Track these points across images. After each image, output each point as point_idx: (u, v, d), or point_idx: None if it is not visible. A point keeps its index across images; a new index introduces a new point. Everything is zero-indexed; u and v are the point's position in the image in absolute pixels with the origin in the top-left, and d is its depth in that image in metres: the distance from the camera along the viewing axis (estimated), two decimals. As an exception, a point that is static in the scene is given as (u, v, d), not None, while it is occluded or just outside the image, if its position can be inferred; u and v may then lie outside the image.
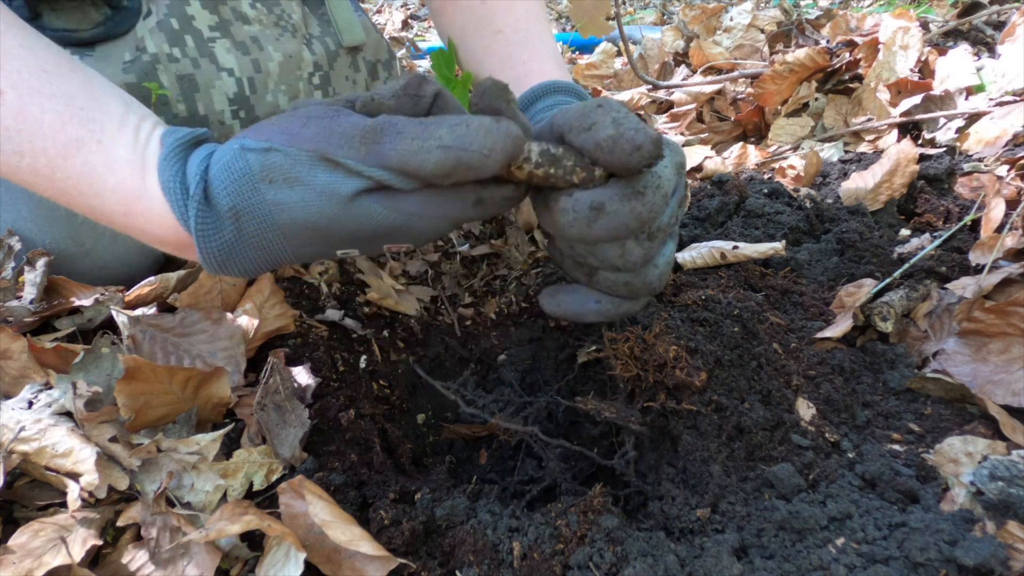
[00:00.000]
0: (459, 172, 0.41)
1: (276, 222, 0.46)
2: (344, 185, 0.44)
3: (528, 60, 0.73)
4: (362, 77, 0.93)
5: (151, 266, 0.86)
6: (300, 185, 0.45)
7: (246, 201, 0.46)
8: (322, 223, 0.45)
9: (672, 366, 0.63)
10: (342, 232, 0.46)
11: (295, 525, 0.52)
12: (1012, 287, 0.71)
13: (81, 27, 0.70)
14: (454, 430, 0.79)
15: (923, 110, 1.20)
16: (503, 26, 0.76)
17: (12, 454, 0.53)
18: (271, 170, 0.45)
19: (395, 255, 0.93)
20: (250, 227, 0.47)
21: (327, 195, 0.44)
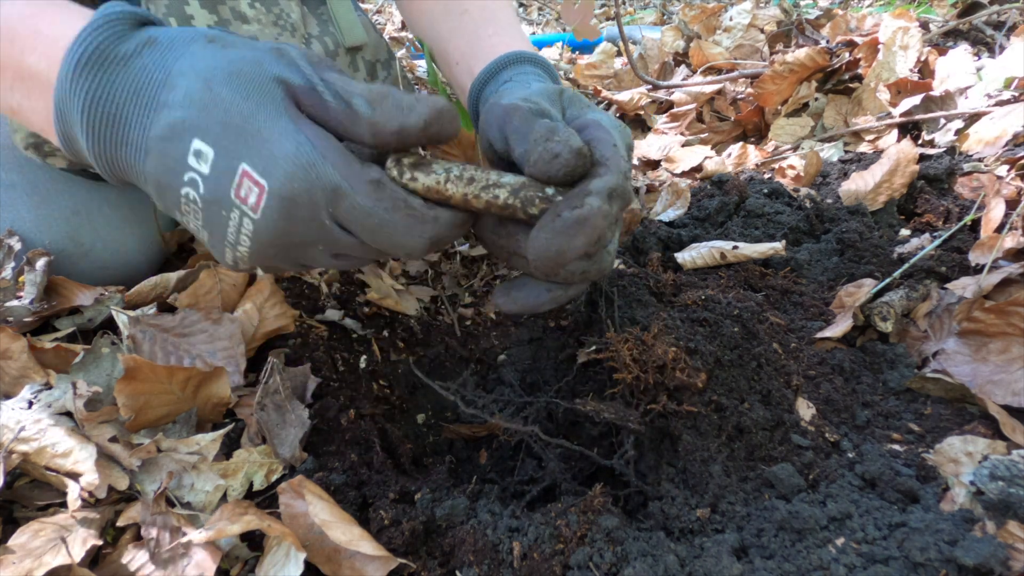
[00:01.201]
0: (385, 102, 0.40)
1: (174, 64, 0.41)
2: (274, 66, 0.41)
3: (493, 35, 0.73)
4: (361, 77, 0.93)
5: (150, 266, 0.86)
6: (234, 49, 0.42)
7: (169, 40, 0.42)
8: (217, 75, 0.40)
9: (672, 367, 0.63)
10: (224, 96, 0.40)
11: (295, 525, 0.52)
12: (1012, 287, 0.71)
13: None
14: (454, 430, 0.79)
15: (923, 110, 1.20)
16: (469, 6, 0.77)
17: (12, 454, 0.53)
18: (220, 36, 0.43)
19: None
20: (149, 58, 0.42)
21: (251, 61, 0.41)
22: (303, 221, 0.42)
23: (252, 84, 0.40)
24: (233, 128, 0.40)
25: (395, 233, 0.41)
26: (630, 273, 0.84)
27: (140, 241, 0.84)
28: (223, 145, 0.40)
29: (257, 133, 0.40)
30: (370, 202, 0.40)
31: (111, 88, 0.41)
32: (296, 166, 0.39)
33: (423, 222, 0.42)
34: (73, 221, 0.77)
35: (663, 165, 1.34)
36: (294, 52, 0.42)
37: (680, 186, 1.12)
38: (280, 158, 0.39)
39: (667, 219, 1.06)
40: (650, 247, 0.96)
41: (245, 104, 0.40)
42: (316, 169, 0.39)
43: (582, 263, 0.46)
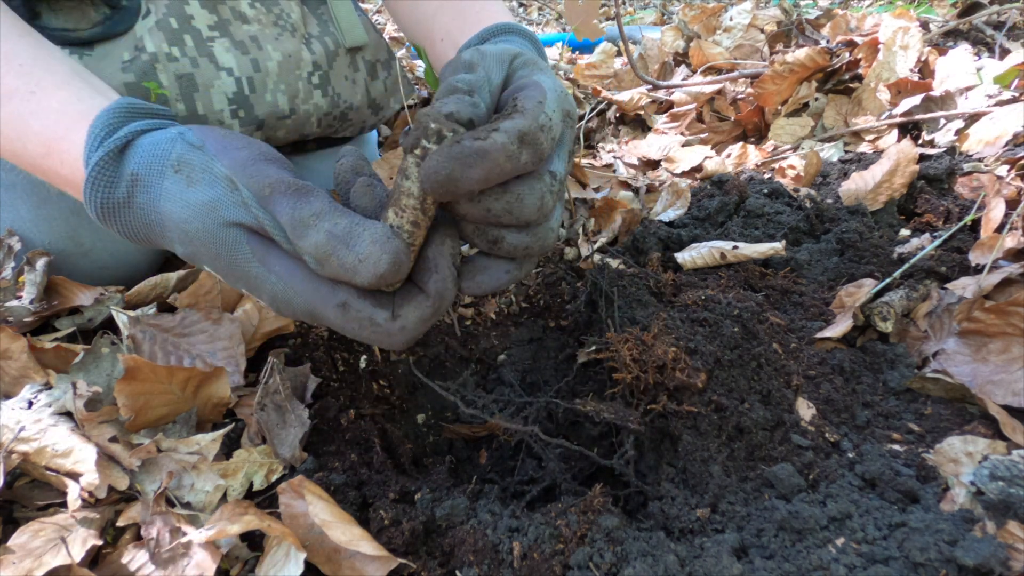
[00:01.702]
0: (330, 262, 0.42)
1: (159, 208, 0.48)
2: (228, 210, 0.45)
3: (480, 10, 0.74)
4: (361, 77, 0.93)
5: (151, 266, 0.86)
6: (195, 187, 0.46)
7: (147, 177, 0.48)
8: (191, 230, 0.46)
9: (672, 367, 0.63)
10: (206, 249, 0.47)
11: (295, 525, 0.52)
12: (1012, 287, 0.71)
13: (80, 27, 0.70)
14: (454, 430, 0.79)
15: (923, 110, 1.20)
16: None
17: (12, 454, 0.53)
18: (184, 164, 0.47)
19: None
20: (140, 199, 0.48)
21: (208, 207, 0.46)
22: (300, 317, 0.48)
23: (216, 238, 0.46)
24: (224, 272, 0.48)
25: (371, 342, 0.46)
26: (630, 273, 0.84)
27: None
28: (226, 278, 0.48)
29: (242, 278, 0.47)
30: (340, 323, 0.45)
31: (131, 227, 0.50)
32: (277, 303, 0.46)
33: (390, 335, 0.45)
34: (72, 221, 0.77)
35: (663, 165, 1.34)
36: (244, 192, 0.45)
37: (680, 186, 1.12)
38: (265, 298, 0.47)
39: (667, 219, 1.06)
40: (650, 247, 0.96)
41: (222, 254, 0.46)
42: (293, 303, 0.46)
43: (521, 236, 0.46)
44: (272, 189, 0.44)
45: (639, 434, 0.64)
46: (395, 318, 0.44)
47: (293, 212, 0.42)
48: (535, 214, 0.44)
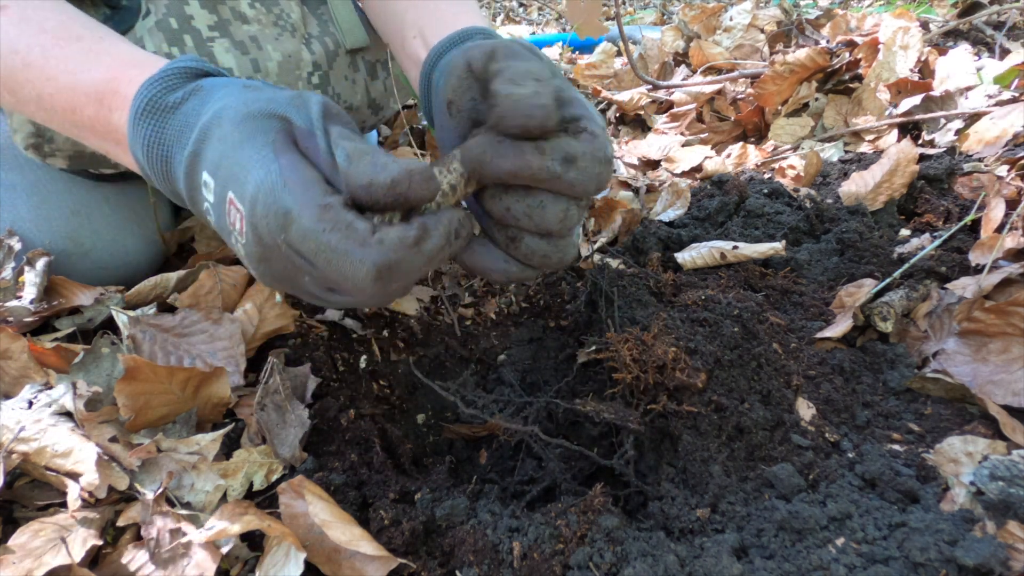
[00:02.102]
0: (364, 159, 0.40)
1: (206, 106, 0.45)
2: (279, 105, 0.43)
3: (457, 12, 0.72)
4: (361, 77, 0.93)
5: (151, 266, 0.86)
6: (256, 91, 0.44)
7: (211, 88, 0.46)
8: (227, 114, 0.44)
9: (672, 367, 0.63)
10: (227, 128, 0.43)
11: (295, 525, 0.52)
12: (1012, 287, 0.71)
13: None
14: (454, 430, 0.79)
15: (923, 110, 1.20)
16: None
17: (12, 454, 0.53)
18: (255, 84, 0.45)
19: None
20: (191, 103, 0.46)
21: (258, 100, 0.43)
22: (271, 248, 0.41)
23: (254, 120, 0.42)
24: (228, 159, 0.42)
25: (336, 259, 0.39)
26: (630, 273, 0.84)
27: (140, 241, 0.84)
28: (219, 175, 0.43)
29: (243, 163, 0.41)
30: (312, 223, 0.39)
31: (162, 133, 0.47)
32: (259, 191, 0.40)
33: (364, 245, 0.39)
34: (73, 221, 0.77)
35: (663, 165, 1.34)
36: (313, 100, 0.43)
37: (680, 186, 1.12)
38: (250, 185, 0.41)
39: (667, 219, 1.06)
40: (650, 247, 0.96)
41: (239, 137, 0.42)
42: (274, 194, 0.40)
43: (540, 243, 0.45)
44: (337, 113, 0.43)
45: (639, 434, 0.64)
46: (374, 231, 0.39)
47: (343, 133, 0.41)
48: (557, 225, 0.44)
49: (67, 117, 0.55)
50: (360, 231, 0.39)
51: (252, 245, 0.42)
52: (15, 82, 0.55)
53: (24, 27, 0.53)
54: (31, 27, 0.53)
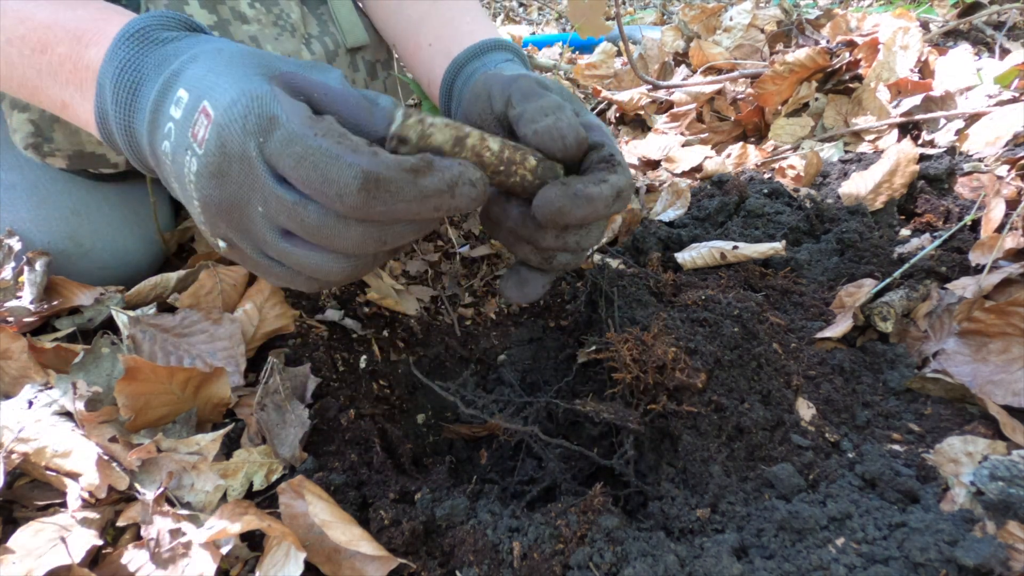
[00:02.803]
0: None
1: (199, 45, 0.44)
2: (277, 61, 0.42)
3: (472, 22, 0.75)
4: (361, 76, 0.93)
5: (150, 266, 0.86)
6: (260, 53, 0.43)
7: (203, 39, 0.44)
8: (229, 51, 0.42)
9: (672, 367, 0.63)
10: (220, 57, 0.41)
11: (295, 525, 0.52)
12: (1012, 287, 0.71)
13: None
14: (454, 430, 0.79)
15: (923, 110, 1.20)
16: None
17: (12, 454, 0.53)
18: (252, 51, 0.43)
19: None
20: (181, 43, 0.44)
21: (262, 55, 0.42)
22: (233, 158, 0.39)
23: (254, 57, 0.41)
24: (212, 75, 0.40)
25: (324, 162, 0.37)
26: (630, 273, 0.84)
27: (140, 241, 0.84)
28: (197, 87, 0.40)
29: (230, 79, 0.39)
30: (302, 128, 0.37)
31: (141, 60, 0.44)
32: (243, 96, 0.38)
33: (357, 152, 0.37)
34: (72, 221, 0.77)
35: (663, 165, 1.34)
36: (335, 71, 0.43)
37: (680, 186, 1.12)
38: (231, 88, 0.39)
39: (667, 219, 1.06)
40: (650, 247, 0.96)
41: (233, 65, 0.40)
42: (260, 100, 0.38)
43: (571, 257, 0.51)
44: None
45: (639, 434, 0.64)
46: (374, 151, 0.37)
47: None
48: (595, 243, 0.51)
49: (32, 61, 0.51)
50: (355, 141, 0.37)
51: (211, 155, 0.39)
52: None
53: None
54: None
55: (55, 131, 0.71)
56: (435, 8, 0.77)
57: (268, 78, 0.40)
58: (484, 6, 3.82)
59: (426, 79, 0.76)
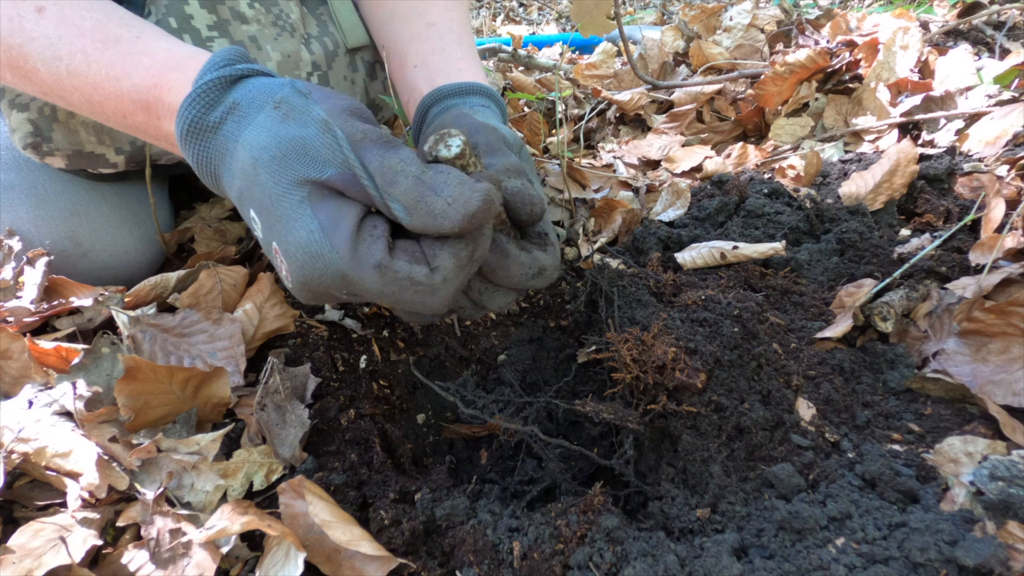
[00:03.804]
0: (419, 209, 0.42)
1: (242, 135, 0.47)
2: (314, 148, 0.44)
3: (462, 59, 0.76)
4: (360, 77, 0.93)
5: (150, 266, 0.86)
6: (288, 123, 0.46)
7: (247, 107, 0.48)
8: (263, 157, 0.45)
9: (672, 367, 0.63)
10: (264, 180, 0.45)
11: (295, 525, 0.52)
12: (1012, 287, 0.71)
13: None
14: (454, 430, 0.79)
15: (923, 110, 1.20)
16: (437, 21, 0.78)
17: (12, 454, 0.53)
18: (285, 102, 0.47)
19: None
20: (229, 126, 0.48)
21: (294, 142, 0.45)
22: (323, 295, 0.46)
23: (287, 171, 0.45)
24: (267, 208, 0.45)
25: (410, 305, 0.45)
26: (630, 273, 0.84)
27: (139, 241, 0.84)
28: (264, 220, 0.46)
29: (281, 218, 0.44)
30: (377, 286, 0.43)
31: (207, 154, 0.49)
32: (306, 255, 0.44)
33: (433, 292, 0.44)
34: (72, 221, 0.77)
35: (663, 165, 1.34)
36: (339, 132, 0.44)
37: (680, 186, 1.12)
38: (294, 246, 0.44)
39: (667, 219, 1.06)
40: (650, 247, 0.96)
41: (276, 189, 0.45)
42: (324, 259, 0.43)
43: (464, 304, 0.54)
44: (365, 136, 0.44)
45: (639, 434, 0.64)
46: (433, 271, 0.43)
47: (383, 159, 0.43)
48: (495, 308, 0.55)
49: (121, 121, 0.56)
50: (425, 282, 0.43)
51: (298, 289, 0.46)
52: (63, 89, 0.56)
53: (63, 30, 0.54)
54: (70, 30, 0.54)
55: (54, 131, 0.71)
56: (428, 32, 0.78)
57: (311, 202, 0.44)
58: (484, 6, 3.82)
59: (405, 96, 0.78)
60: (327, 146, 0.44)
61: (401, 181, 0.42)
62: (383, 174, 0.43)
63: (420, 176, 0.42)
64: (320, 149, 0.44)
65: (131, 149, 0.75)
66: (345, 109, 0.47)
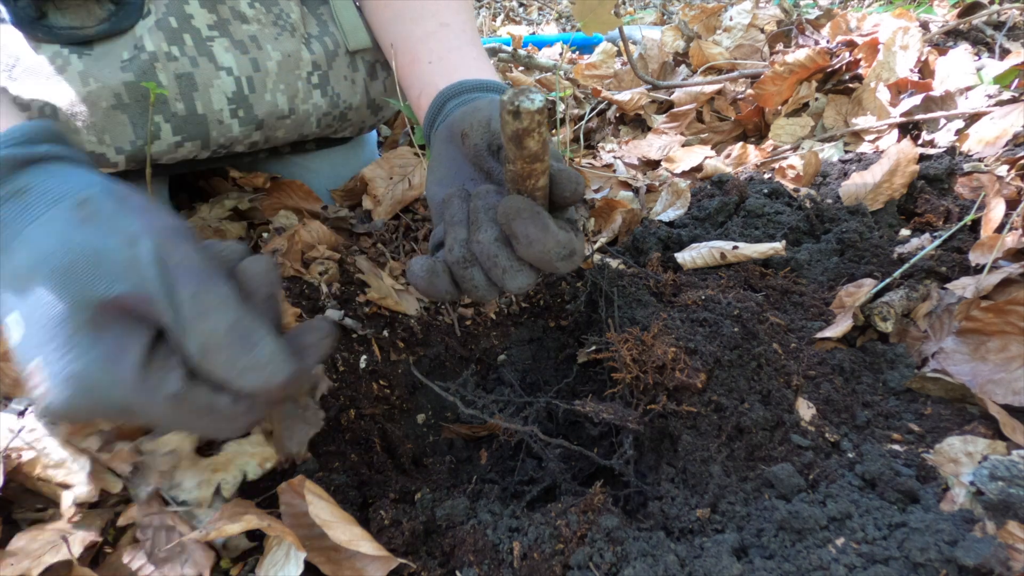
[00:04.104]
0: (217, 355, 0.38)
1: (25, 231, 0.41)
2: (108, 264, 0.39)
3: (478, 59, 0.74)
4: (360, 77, 0.93)
5: None
6: (86, 228, 0.40)
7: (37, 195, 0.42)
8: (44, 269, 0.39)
9: (672, 367, 0.63)
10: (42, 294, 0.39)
11: (296, 525, 0.52)
12: (1012, 287, 0.71)
13: (86, 24, 0.70)
14: (454, 430, 0.79)
15: (923, 110, 1.20)
16: (451, 22, 0.77)
17: (8, 458, 0.53)
18: (92, 202, 0.41)
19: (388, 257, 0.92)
20: (7, 211, 0.42)
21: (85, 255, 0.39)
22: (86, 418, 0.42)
23: (72, 286, 0.39)
24: (38, 324, 0.39)
25: (202, 430, 0.42)
26: (630, 273, 0.84)
27: None
28: (32, 334, 0.39)
29: (55, 339, 0.39)
30: (169, 416, 0.39)
31: None
32: (80, 387, 0.38)
33: (233, 420, 0.40)
34: None
35: (663, 165, 1.34)
36: (143, 250, 0.39)
37: (680, 186, 1.12)
38: (66, 375, 0.38)
39: (667, 219, 1.06)
40: (650, 247, 0.96)
41: (54, 307, 0.39)
42: (101, 391, 0.38)
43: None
44: (184, 259, 0.39)
45: (639, 434, 0.64)
46: (236, 402, 0.39)
47: (199, 290, 0.38)
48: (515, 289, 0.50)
49: None
50: (225, 410, 0.39)
51: (56, 414, 0.40)
52: None
53: None
54: None
55: None
56: (443, 32, 0.77)
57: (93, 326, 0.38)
58: (484, 6, 3.82)
59: (416, 92, 0.76)
60: (126, 262, 0.39)
61: (213, 319, 0.38)
62: (195, 305, 0.38)
63: (237, 321, 0.38)
64: (117, 264, 0.39)
65: (131, 149, 0.75)
66: (169, 228, 0.41)
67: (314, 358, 0.42)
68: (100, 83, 0.70)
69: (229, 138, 0.81)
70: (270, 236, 0.90)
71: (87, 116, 0.71)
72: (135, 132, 0.74)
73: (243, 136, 0.82)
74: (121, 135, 0.74)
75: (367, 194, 1.03)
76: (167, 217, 0.43)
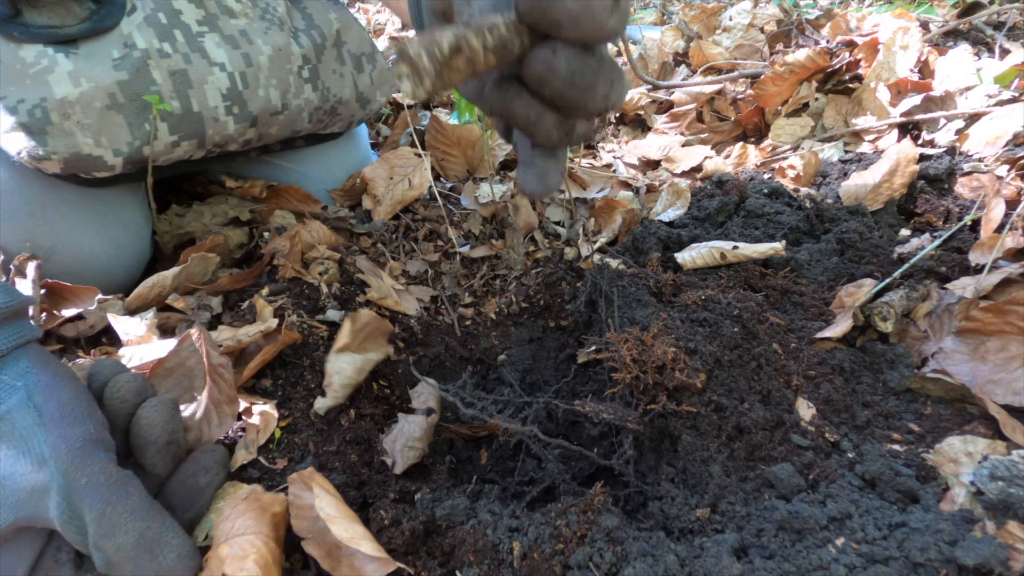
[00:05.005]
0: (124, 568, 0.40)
1: None
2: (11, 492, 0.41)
3: None
4: (348, 70, 0.92)
5: (126, 270, 0.83)
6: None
7: None
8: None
9: (672, 367, 0.63)
10: None
11: (301, 516, 0.52)
12: (1012, 287, 0.71)
13: (66, 23, 0.68)
14: (454, 430, 0.79)
15: (923, 110, 1.20)
16: None
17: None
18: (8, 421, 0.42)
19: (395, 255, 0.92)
20: None
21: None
22: None
23: None
24: None
25: None
26: (630, 273, 0.84)
27: (108, 244, 0.80)
28: None
29: None
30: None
31: None
32: None
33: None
34: (28, 222, 0.74)
35: (663, 165, 1.34)
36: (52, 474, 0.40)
37: (680, 186, 1.12)
38: None
39: (667, 219, 1.06)
40: (650, 247, 0.96)
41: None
42: None
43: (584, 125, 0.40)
44: (90, 479, 0.40)
45: (638, 434, 0.64)
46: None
47: (105, 509, 0.40)
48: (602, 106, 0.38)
49: None
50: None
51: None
52: None
53: None
54: None
55: (48, 134, 0.69)
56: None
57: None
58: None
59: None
60: (30, 490, 0.40)
61: (119, 536, 0.39)
62: (101, 525, 0.39)
63: (143, 534, 0.39)
64: (21, 492, 0.40)
65: (128, 150, 0.74)
66: (77, 440, 0.42)
67: (207, 497, 0.46)
68: (93, 83, 0.68)
69: (224, 136, 0.81)
70: (270, 236, 0.90)
71: (81, 117, 0.69)
72: (131, 133, 0.73)
73: (238, 134, 0.82)
74: (117, 136, 0.72)
75: (367, 194, 1.03)
76: (85, 425, 0.43)
